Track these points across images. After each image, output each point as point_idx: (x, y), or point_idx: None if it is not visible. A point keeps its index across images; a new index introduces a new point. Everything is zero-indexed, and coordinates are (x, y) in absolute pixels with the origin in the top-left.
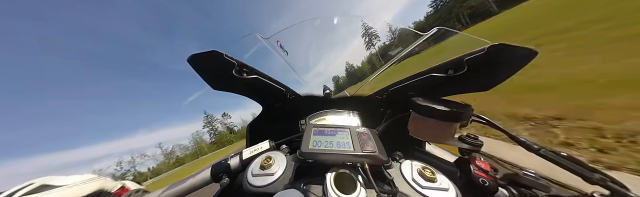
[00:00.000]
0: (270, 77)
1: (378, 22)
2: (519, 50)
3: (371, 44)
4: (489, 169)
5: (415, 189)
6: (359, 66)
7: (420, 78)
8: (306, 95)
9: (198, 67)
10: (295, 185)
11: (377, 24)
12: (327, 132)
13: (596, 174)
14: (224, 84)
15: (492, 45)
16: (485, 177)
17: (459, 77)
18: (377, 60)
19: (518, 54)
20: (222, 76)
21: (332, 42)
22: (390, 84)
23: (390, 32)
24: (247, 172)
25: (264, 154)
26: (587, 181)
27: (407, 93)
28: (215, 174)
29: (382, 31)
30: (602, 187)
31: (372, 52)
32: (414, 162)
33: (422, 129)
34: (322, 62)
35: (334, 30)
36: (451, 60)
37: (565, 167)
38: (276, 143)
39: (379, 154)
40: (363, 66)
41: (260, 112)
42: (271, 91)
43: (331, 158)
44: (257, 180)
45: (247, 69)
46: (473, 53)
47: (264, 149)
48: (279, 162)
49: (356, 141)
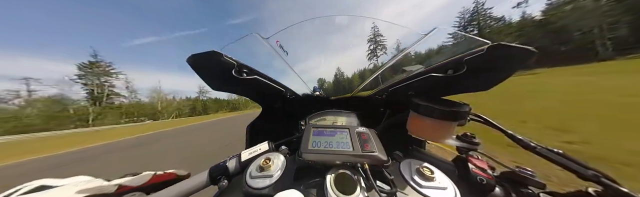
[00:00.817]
0: (270, 77)
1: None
2: (517, 50)
3: (374, 55)
4: (486, 167)
5: (415, 189)
6: (348, 77)
7: (419, 78)
8: (306, 95)
9: (197, 68)
10: (295, 186)
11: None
12: (327, 132)
13: (589, 170)
14: (223, 85)
15: (491, 45)
16: (483, 176)
17: (459, 77)
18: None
19: (517, 53)
20: (221, 77)
21: (332, 43)
22: (390, 84)
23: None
24: (246, 174)
25: (263, 155)
26: (580, 177)
27: (406, 93)
28: (213, 176)
29: (384, 30)
30: (596, 183)
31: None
32: (413, 161)
33: (421, 128)
34: (315, 62)
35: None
36: (450, 60)
37: (560, 164)
38: (275, 144)
39: (379, 154)
40: (353, 77)
41: (260, 112)
42: (271, 91)
43: (331, 158)
44: (256, 182)
45: (246, 70)
46: (472, 53)
47: (262, 150)
48: (278, 163)
49: (356, 141)
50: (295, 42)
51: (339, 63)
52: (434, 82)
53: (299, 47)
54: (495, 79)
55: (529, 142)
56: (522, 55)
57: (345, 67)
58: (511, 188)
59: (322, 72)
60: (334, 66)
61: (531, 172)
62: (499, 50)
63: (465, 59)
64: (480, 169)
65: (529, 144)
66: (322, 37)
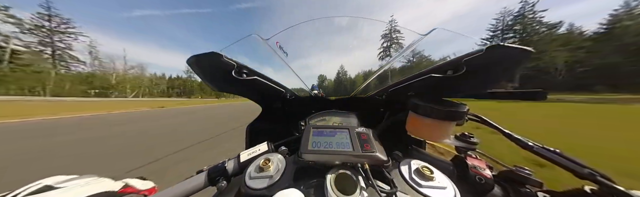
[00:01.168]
0: (269, 78)
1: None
2: (516, 51)
3: (386, 55)
4: (485, 166)
5: (414, 188)
6: (351, 77)
7: (419, 79)
8: (306, 96)
9: (198, 69)
10: (295, 186)
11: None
12: (326, 132)
13: (586, 169)
14: (224, 85)
15: (490, 46)
16: (482, 175)
17: (458, 78)
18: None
19: (515, 54)
20: (222, 77)
21: (332, 44)
22: (390, 84)
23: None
24: (245, 175)
25: (263, 156)
26: (577, 175)
27: (406, 93)
28: (212, 177)
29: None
30: (592, 182)
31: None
32: (413, 161)
33: (419, 128)
34: (315, 63)
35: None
36: (450, 61)
37: (557, 163)
38: (275, 145)
39: (379, 154)
40: (357, 78)
41: (260, 113)
42: (271, 92)
43: (331, 159)
44: (255, 183)
45: (246, 70)
46: (471, 54)
47: (262, 151)
48: (278, 164)
49: (356, 141)
50: (295, 43)
51: (339, 64)
52: (433, 82)
53: (299, 47)
54: (495, 79)
55: (527, 141)
56: (519, 54)
57: (346, 68)
58: (509, 187)
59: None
60: (335, 67)
61: (529, 172)
62: (497, 50)
63: (465, 59)
64: (479, 169)
65: (527, 144)
66: (321, 37)
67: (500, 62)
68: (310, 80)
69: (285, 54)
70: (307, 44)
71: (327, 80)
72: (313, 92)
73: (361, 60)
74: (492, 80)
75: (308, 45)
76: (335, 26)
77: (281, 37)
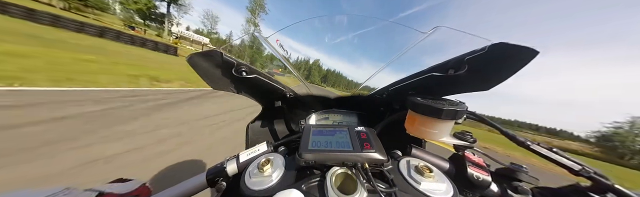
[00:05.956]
0: (269, 76)
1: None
2: (519, 50)
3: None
4: (482, 164)
5: (414, 187)
6: (351, 76)
7: (420, 77)
8: (306, 94)
9: (197, 67)
10: (294, 186)
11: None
12: (326, 132)
13: (580, 166)
14: (223, 84)
15: (493, 44)
16: (479, 172)
17: (460, 77)
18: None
19: (519, 53)
20: (221, 76)
21: (332, 43)
22: (390, 83)
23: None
24: (245, 176)
25: (262, 156)
26: (572, 172)
27: (406, 92)
28: (211, 178)
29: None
30: (586, 178)
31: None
32: (412, 160)
33: (418, 127)
34: (316, 58)
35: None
36: (452, 60)
37: (553, 161)
38: (274, 145)
39: (378, 153)
40: (357, 77)
41: (260, 112)
42: (271, 90)
43: (330, 158)
44: (255, 183)
45: (246, 69)
46: (474, 52)
47: (261, 151)
48: (277, 164)
49: (355, 140)
50: (295, 42)
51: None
52: (434, 81)
53: (299, 46)
54: (497, 78)
55: (524, 139)
56: (523, 54)
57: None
58: (506, 184)
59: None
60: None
61: (525, 169)
62: (500, 49)
63: (467, 58)
64: (476, 166)
65: (523, 142)
66: (321, 36)
67: (503, 60)
68: (310, 78)
69: (285, 52)
70: (305, 43)
71: (327, 78)
72: (313, 92)
73: (363, 59)
74: (494, 80)
75: (305, 45)
76: (335, 25)
77: (281, 36)
